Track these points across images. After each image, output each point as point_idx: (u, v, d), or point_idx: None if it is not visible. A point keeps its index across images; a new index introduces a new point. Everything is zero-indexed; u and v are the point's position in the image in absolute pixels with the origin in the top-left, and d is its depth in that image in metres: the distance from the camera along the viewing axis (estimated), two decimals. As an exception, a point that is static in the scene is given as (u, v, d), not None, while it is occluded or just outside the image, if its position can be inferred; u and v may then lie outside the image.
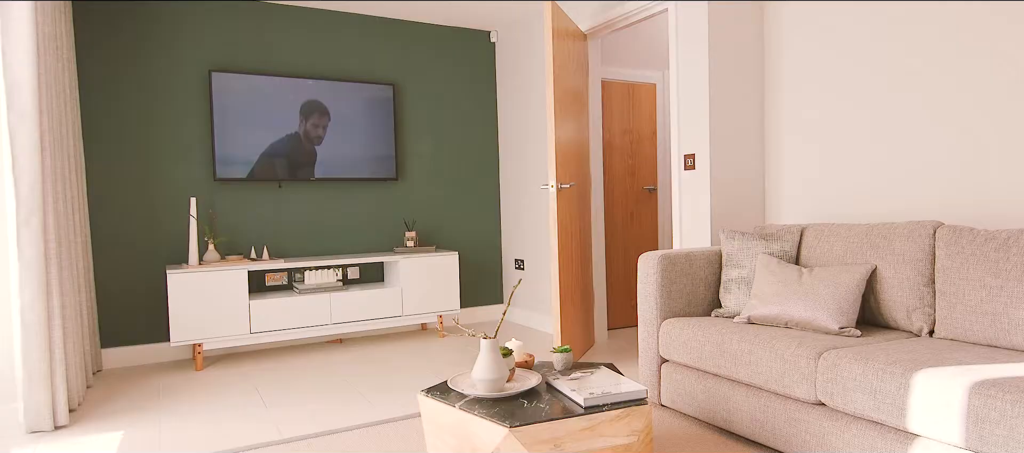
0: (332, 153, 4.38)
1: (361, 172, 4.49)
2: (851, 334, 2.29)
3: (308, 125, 4.30)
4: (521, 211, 4.90)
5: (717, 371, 2.43)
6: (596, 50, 4.13)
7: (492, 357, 1.99)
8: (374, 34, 4.64)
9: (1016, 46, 2.33)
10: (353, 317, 4.16)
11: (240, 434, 2.65)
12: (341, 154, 4.41)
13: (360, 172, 4.49)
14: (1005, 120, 2.38)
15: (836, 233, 2.65)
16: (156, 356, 3.99)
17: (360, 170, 4.48)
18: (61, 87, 3.21)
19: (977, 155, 2.47)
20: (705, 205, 3.18)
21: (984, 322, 2.10)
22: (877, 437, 1.91)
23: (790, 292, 2.47)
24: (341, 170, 4.42)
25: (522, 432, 1.75)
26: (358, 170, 4.48)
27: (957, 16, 2.49)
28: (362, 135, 4.48)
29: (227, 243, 4.18)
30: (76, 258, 3.34)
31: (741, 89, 3.23)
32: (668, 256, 2.76)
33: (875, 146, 2.81)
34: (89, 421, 2.90)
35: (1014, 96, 2.35)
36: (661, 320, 2.75)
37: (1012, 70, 2.34)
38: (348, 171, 4.44)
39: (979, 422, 1.63)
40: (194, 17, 4.07)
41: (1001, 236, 2.12)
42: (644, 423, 1.94)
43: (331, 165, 4.38)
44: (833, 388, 2.00)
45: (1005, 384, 1.63)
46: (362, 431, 2.60)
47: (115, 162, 3.88)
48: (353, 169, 4.46)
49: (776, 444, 2.24)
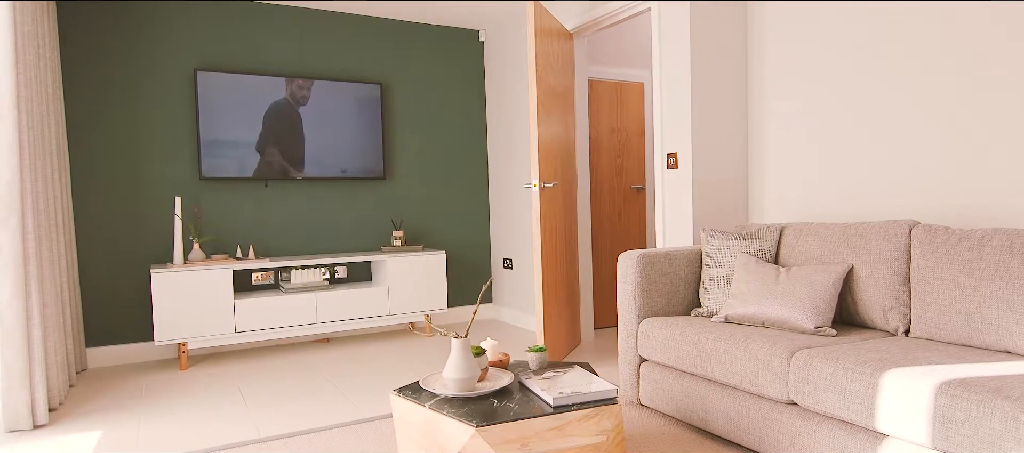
0: (319, 152, 4.38)
1: (348, 171, 4.48)
2: (827, 333, 2.29)
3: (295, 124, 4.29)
4: (510, 210, 4.89)
5: (694, 370, 2.42)
6: (582, 49, 4.13)
7: (463, 356, 1.98)
8: (362, 33, 4.64)
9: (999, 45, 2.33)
10: (339, 316, 4.15)
11: (218, 433, 2.65)
12: (328, 153, 4.41)
13: (347, 171, 4.48)
14: (988, 118, 2.37)
15: (814, 232, 2.65)
16: (141, 355, 3.98)
17: (347, 169, 4.48)
18: (43, 86, 3.21)
19: (960, 155, 2.46)
20: (687, 204, 3.18)
21: (958, 321, 2.09)
22: (847, 437, 1.90)
23: (767, 291, 2.46)
24: (328, 169, 4.41)
25: (488, 432, 1.75)
26: (345, 169, 4.47)
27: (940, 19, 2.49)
28: (349, 134, 4.47)
29: (213, 242, 4.18)
30: (58, 257, 3.33)
31: (724, 88, 3.22)
32: (647, 255, 2.75)
33: (859, 145, 2.81)
34: (69, 420, 2.89)
35: (997, 94, 2.34)
36: (640, 319, 2.74)
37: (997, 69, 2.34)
38: (335, 170, 4.44)
39: (945, 422, 1.63)
40: (180, 16, 4.06)
41: (975, 235, 2.12)
42: (614, 423, 1.93)
43: (318, 164, 4.38)
44: (804, 388, 1.99)
45: (971, 384, 1.63)
46: (339, 430, 2.60)
47: (100, 161, 3.87)
48: (340, 168, 4.45)
49: (750, 443, 2.23)
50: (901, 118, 2.62)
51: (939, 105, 2.50)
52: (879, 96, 2.70)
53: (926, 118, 2.54)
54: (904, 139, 2.62)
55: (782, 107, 3.13)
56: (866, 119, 2.76)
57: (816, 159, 2.98)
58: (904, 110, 2.61)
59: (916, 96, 2.57)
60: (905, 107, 2.61)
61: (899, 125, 2.63)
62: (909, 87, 2.59)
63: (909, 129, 2.60)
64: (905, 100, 2.61)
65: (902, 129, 2.63)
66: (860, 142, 2.79)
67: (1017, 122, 2.28)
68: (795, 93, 3.06)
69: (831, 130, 2.91)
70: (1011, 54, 2.28)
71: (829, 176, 2.93)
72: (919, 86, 2.56)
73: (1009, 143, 2.30)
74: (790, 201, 3.11)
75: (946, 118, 2.48)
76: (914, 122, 2.58)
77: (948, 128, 2.47)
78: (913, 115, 2.58)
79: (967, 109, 2.41)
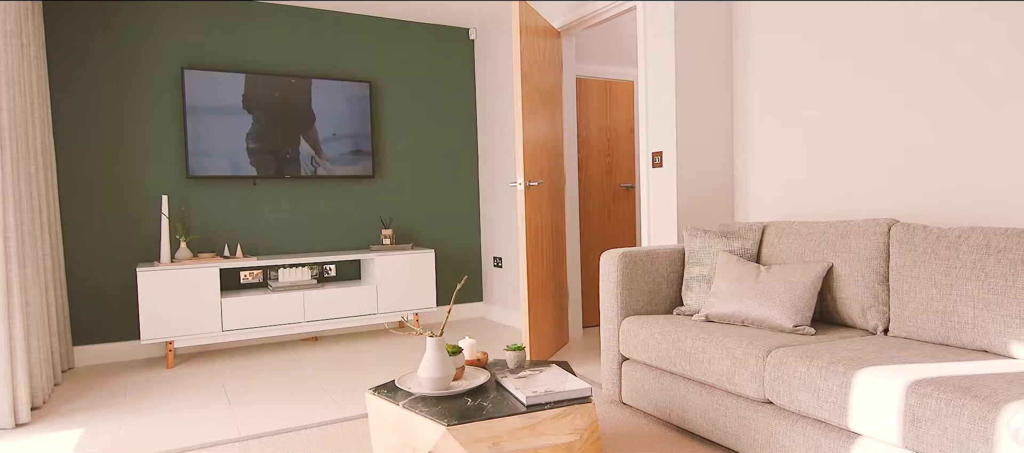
0: (308, 150, 4.37)
1: (337, 170, 4.48)
2: (805, 332, 2.29)
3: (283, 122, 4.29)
4: (500, 209, 4.89)
5: (673, 369, 2.42)
6: (570, 47, 4.12)
7: (437, 355, 1.98)
8: (351, 31, 4.63)
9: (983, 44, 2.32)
10: (327, 315, 4.15)
11: (199, 432, 2.65)
12: (317, 151, 4.40)
13: (336, 170, 4.48)
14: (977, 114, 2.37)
15: (796, 231, 2.64)
16: (129, 354, 3.98)
17: (336, 168, 4.48)
18: (27, 85, 3.20)
19: (947, 152, 2.46)
20: (672, 203, 3.17)
21: (935, 320, 2.09)
22: (821, 436, 1.90)
23: (747, 290, 2.46)
24: (317, 168, 4.41)
25: (459, 430, 1.74)
26: (334, 168, 4.47)
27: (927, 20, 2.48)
28: (339, 133, 4.47)
29: (200, 241, 4.17)
30: (43, 256, 3.33)
31: (709, 87, 3.22)
32: (628, 254, 2.75)
33: (845, 144, 2.80)
34: (51, 418, 2.89)
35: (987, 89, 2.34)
36: (622, 318, 2.74)
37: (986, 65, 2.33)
38: (324, 169, 4.43)
39: (915, 421, 1.62)
40: (167, 15, 4.06)
41: (953, 234, 2.11)
42: (588, 422, 1.93)
43: (307, 162, 4.37)
44: (779, 387, 1.99)
45: (941, 383, 1.63)
46: (319, 429, 2.60)
47: (87, 160, 3.87)
48: (329, 167, 4.45)
49: (727, 442, 2.23)
50: (887, 116, 2.62)
51: (927, 104, 2.49)
52: (865, 94, 2.70)
53: (913, 117, 2.53)
54: (890, 137, 2.61)
55: (768, 106, 3.12)
56: (852, 118, 2.75)
57: (802, 158, 2.97)
58: (891, 108, 2.61)
59: (903, 94, 2.56)
60: (892, 105, 2.60)
61: (885, 123, 2.63)
62: (897, 85, 2.58)
63: (896, 127, 2.59)
64: (892, 98, 2.60)
65: (888, 127, 2.62)
66: (846, 140, 2.78)
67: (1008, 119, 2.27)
68: (781, 92, 3.05)
69: (817, 129, 2.90)
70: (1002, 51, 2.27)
71: (816, 175, 2.92)
72: (907, 84, 2.55)
73: (999, 139, 2.30)
74: (775, 200, 3.11)
75: (933, 117, 2.47)
76: (901, 120, 2.58)
77: (935, 126, 2.47)
78: (900, 114, 2.58)
79: (955, 106, 2.41)
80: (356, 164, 4.54)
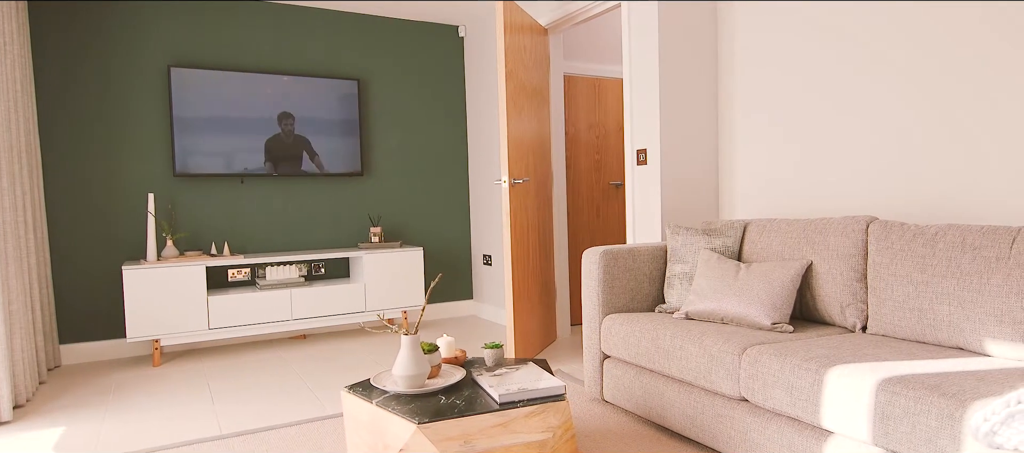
0: (296, 148, 4.37)
1: (326, 167, 4.47)
2: (783, 330, 2.28)
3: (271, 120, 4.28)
4: (490, 207, 4.88)
5: (652, 367, 2.42)
6: (558, 45, 4.11)
7: (411, 353, 1.98)
8: (339, 29, 4.62)
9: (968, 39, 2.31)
10: (315, 313, 4.15)
11: (181, 430, 2.65)
12: (305, 149, 4.39)
13: (325, 167, 4.47)
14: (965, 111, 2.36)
15: (776, 228, 2.64)
16: (115, 352, 3.98)
17: (325, 165, 4.47)
18: (10, 84, 3.19)
19: (931, 149, 2.45)
20: (656, 200, 3.17)
21: (911, 318, 2.08)
22: (795, 434, 1.90)
23: (726, 288, 2.46)
24: (305, 165, 4.40)
25: (430, 429, 1.74)
26: (323, 165, 4.46)
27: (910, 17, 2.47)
28: (327, 130, 4.46)
29: (187, 239, 4.17)
30: (28, 254, 3.33)
31: (693, 86, 3.21)
32: (610, 252, 2.75)
33: (829, 141, 2.80)
34: (34, 416, 2.89)
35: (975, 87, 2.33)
36: (603, 316, 2.74)
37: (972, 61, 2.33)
38: (312, 166, 4.43)
39: (884, 419, 1.62)
40: (153, 13, 4.05)
41: (929, 231, 2.11)
42: (561, 420, 1.93)
43: (295, 160, 4.36)
44: (754, 384, 1.99)
45: (910, 381, 1.62)
46: (299, 427, 2.60)
47: (72, 159, 3.86)
48: (318, 164, 4.44)
49: (704, 440, 2.23)
50: (872, 114, 2.61)
51: (912, 99, 2.48)
52: (849, 92, 2.69)
53: (898, 114, 2.53)
54: (874, 135, 2.61)
55: (752, 105, 3.12)
56: (836, 116, 2.75)
57: (786, 155, 2.97)
58: (875, 106, 2.60)
59: (888, 92, 2.56)
60: (876, 103, 2.60)
61: (870, 121, 2.62)
62: (881, 82, 2.58)
63: (880, 125, 2.59)
64: (876, 96, 2.60)
65: (873, 125, 2.61)
66: (830, 138, 2.78)
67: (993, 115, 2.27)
68: (765, 90, 3.05)
69: (801, 127, 2.90)
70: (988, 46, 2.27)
71: (800, 172, 2.92)
72: (892, 81, 2.54)
73: (983, 135, 2.29)
74: (760, 197, 3.10)
75: (918, 113, 2.47)
76: (885, 118, 2.57)
77: (921, 122, 2.46)
78: (884, 112, 2.57)
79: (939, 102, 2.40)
80: (345, 162, 4.54)
